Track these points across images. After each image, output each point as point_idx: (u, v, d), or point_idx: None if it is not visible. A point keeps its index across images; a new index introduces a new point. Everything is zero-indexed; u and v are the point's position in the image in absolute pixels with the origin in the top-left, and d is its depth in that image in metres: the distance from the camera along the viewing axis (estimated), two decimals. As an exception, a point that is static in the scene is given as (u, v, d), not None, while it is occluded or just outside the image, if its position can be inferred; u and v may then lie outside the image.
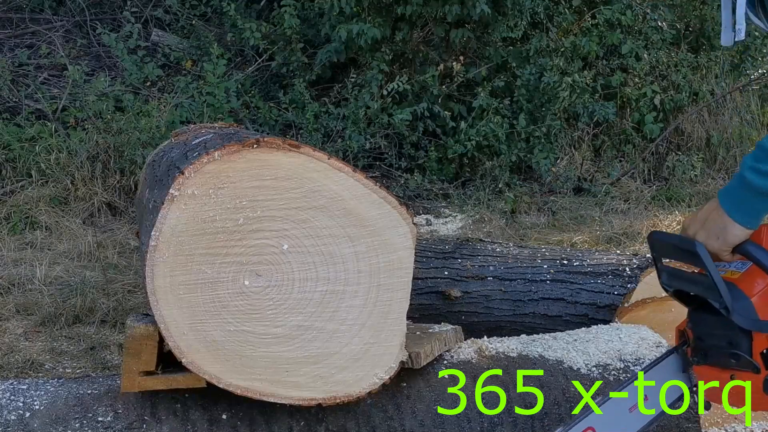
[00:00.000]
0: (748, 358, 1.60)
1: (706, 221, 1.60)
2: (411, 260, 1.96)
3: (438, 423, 2.00)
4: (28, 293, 3.78)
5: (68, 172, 4.99)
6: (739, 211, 1.57)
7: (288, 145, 1.82)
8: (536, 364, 2.15)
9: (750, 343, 1.60)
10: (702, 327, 1.66)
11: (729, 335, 1.61)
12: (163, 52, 6.51)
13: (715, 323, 1.62)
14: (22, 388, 1.96)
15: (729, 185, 1.60)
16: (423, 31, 6.00)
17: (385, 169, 5.74)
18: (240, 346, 1.83)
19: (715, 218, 1.59)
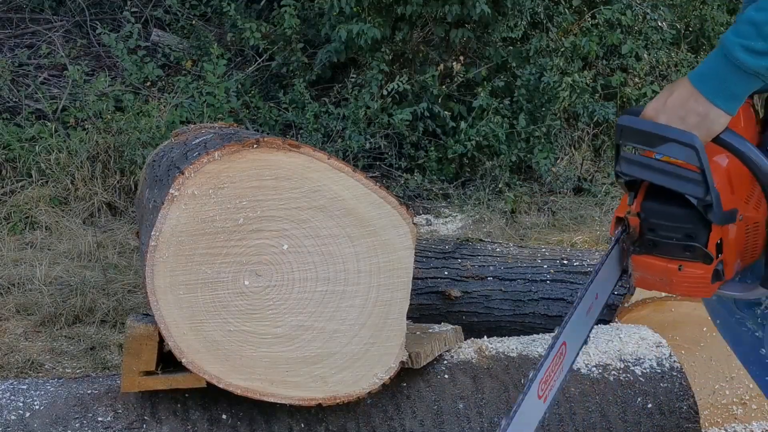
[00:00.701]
0: (704, 249, 1.54)
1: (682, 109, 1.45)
2: (411, 260, 1.96)
3: (438, 423, 2.00)
4: (28, 293, 3.78)
5: (68, 172, 4.99)
6: (722, 96, 1.42)
7: (288, 145, 1.82)
8: (536, 364, 2.15)
9: (708, 235, 1.54)
10: (657, 218, 1.57)
11: (689, 228, 1.54)
12: (163, 52, 6.51)
13: (673, 215, 1.54)
14: (22, 388, 1.96)
15: (706, 68, 1.44)
16: (423, 31, 6.00)
17: (385, 169, 5.74)
18: (240, 346, 1.83)
19: (695, 107, 1.44)
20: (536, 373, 1.57)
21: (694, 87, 1.44)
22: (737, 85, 1.42)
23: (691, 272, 1.55)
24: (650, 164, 1.53)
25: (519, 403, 1.53)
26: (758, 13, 1.37)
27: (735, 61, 1.39)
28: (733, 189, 1.55)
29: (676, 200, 1.53)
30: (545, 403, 1.59)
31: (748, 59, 1.38)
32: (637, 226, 1.58)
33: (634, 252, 1.61)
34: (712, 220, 1.51)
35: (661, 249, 1.57)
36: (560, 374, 1.62)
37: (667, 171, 1.50)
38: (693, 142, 1.44)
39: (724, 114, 1.44)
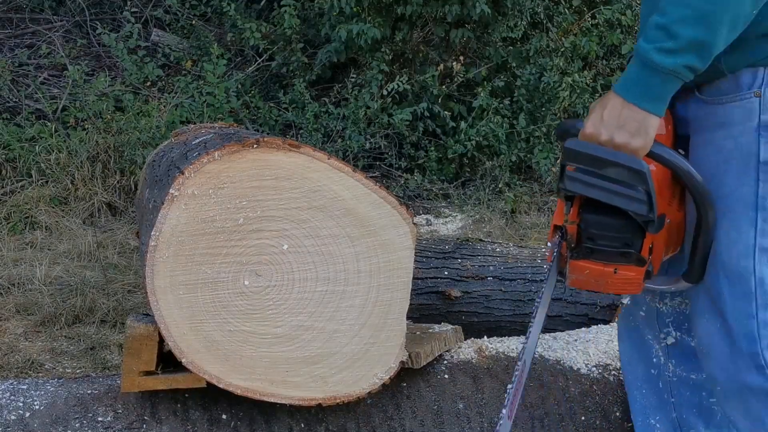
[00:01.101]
0: (639, 255, 1.64)
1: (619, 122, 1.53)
2: (411, 260, 1.96)
3: (438, 423, 2.00)
4: (28, 293, 3.78)
5: (68, 172, 4.99)
6: (648, 99, 1.51)
7: (288, 145, 1.82)
8: (536, 364, 2.15)
9: (642, 241, 1.64)
10: (597, 229, 1.66)
11: (627, 237, 1.63)
12: (163, 52, 6.51)
13: (612, 226, 1.64)
14: (22, 388, 1.96)
15: (628, 78, 1.53)
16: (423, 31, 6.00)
17: (385, 169, 5.74)
18: (240, 346, 1.83)
19: (629, 115, 1.52)
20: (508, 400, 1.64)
21: (622, 97, 1.53)
22: (659, 87, 1.50)
23: (625, 274, 1.66)
24: (594, 183, 1.60)
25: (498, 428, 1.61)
26: (663, 17, 1.47)
27: (652, 64, 1.48)
28: (662, 195, 1.64)
29: (614, 212, 1.61)
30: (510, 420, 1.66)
31: (664, 60, 1.47)
32: (575, 234, 1.68)
33: (571, 258, 1.70)
34: (651, 233, 1.61)
35: (598, 255, 1.67)
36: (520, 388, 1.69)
37: (612, 190, 1.58)
38: (641, 167, 1.54)
39: (654, 116, 1.53)
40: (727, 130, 1.60)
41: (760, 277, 1.61)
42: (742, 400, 1.67)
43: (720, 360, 1.68)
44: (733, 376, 1.67)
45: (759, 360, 1.63)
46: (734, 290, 1.63)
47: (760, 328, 1.62)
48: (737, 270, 1.62)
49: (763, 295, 1.61)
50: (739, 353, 1.65)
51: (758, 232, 1.60)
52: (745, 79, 1.58)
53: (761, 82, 1.57)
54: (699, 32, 1.45)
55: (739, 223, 1.61)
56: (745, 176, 1.59)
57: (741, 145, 1.59)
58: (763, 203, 1.59)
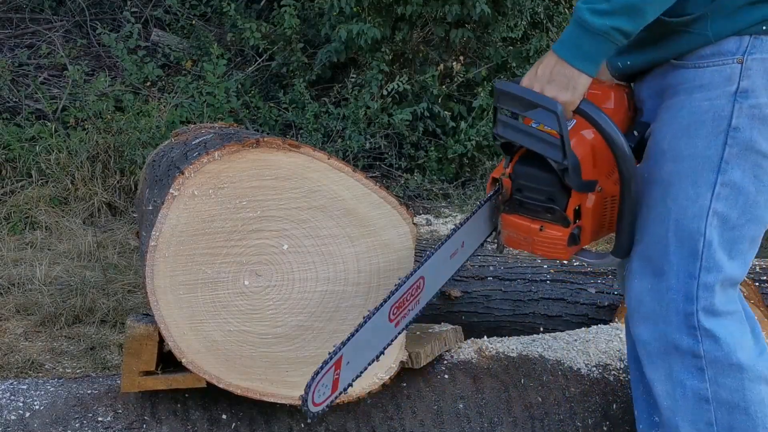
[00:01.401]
0: (563, 213, 1.69)
1: (550, 76, 1.60)
2: (411, 260, 1.96)
3: (438, 423, 2.00)
4: (28, 293, 3.78)
5: (68, 172, 4.99)
6: (579, 58, 1.57)
7: (288, 145, 1.82)
8: (536, 364, 2.15)
9: (567, 200, 1.69)
10: (524, 180, 1.72)
11: (550, 191, 1.69)
12: (163, 52, 6.51)
13: (538, 177, 1.70)
14: (22, 388, 1.96)
15: (565, 36, 1.60)
16: (423, 31, 6.00)
17: (385, 169, 5.74)
18: (240, 346, 1.83)
19: (560, 70, 1.59)
20: (391, 295, 1.69)
21: (556, 54, 1.60)
22: (590, 47, 1.56)
23: (550, 233, 1.72)
24: (520, 128, 1.69)
25: (368, 317, 1.65)
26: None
27: (584, 24, 1.55)
28: (596, 162, 1.70)
29: (543, 165, 1.68)
30: (396, 327, 1.73)
31: (594, 20, 1.53)
32: (509, 186, 1.74)
33: (503, 211, 1.77)
34: (569, 185, 1.67)
35: (526, 209, 1.74)
36: (415, 306, 1.75)
37: (533, 134, 1.66)
38: (555, 108, 1.60)
39: (584, 75, 1.59)
40: (705, 93, 1.63)
41: (709, 240, 1.64)
42: (667, 362, 1.71)
43: (651, 319, 1.71)
44: (662, 336, 1.70)
45: (692, 320, 1.66)
46: (682, 248, 1.66)
47: (699, 289, 1.65)
48: (688, 229, 1.65)
49: (709, 258, 1.64)
50: (673, 312, 1.68)
51: (714, 195, 1.63)
52: (729, 46, 1.61)
53: (745, 49, 1.60)
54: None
55: (698, 184, 1.64)
56: (714, 139, 1.62)
57: (715, 107, 1.62)
58: (725, 167, 1.62)
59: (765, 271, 2.80)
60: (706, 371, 1.67)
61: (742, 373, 1.67)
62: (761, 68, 1.59)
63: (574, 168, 1.65)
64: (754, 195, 1.64)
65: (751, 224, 1.66)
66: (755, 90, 1.59)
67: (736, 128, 1.61)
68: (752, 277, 2.74)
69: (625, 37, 1.55)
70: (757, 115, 1.60)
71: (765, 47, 1.59)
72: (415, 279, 1.72)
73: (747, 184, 1.63)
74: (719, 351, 1.66)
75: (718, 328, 1.66)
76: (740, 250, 1.67)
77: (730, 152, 1.61)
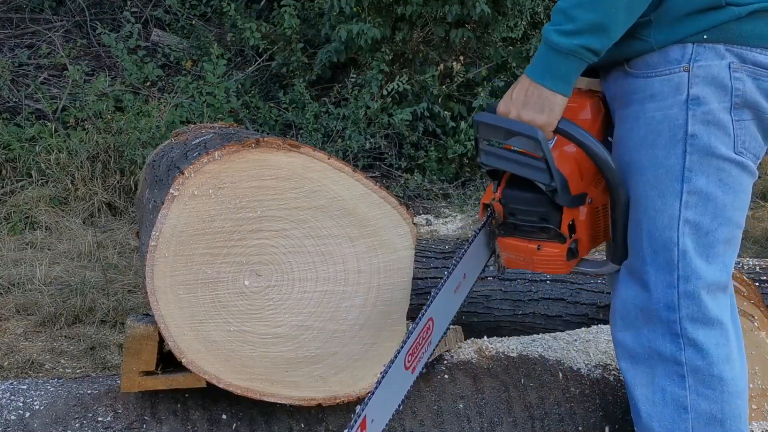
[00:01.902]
0: (558, 230, 1.70)
1: (525, 100, 1.62)
2: (411, 260, 1.96)
3: (438, 423, 2.00)
4: (28, 293, 3.78)
5: (68, 172, 4.99)
6: (552, 79, 1.59)
7: (288, 145, 1.82)
8: (536, 364, 2.15)
9: (560, 217, 1.70)
10: (515, 204, 1.74)
11: (542, 211, 1.71)
12: (163, 52, 6.51)
13: (528, 200, 1.71)
14: (22, 388, 1.96)
15: (536, 59, 1.62)
16: (423, 31, 6.00)
17: (385, 169, 5.74)
18: (240, 346, 1.83)
19: (534, 93, 1.61)
20: (403, 345, 1.69)
21: (529, 77, 1.62)
22: (561, 67, 1.58)
23: (548, 251, 1.73)
24: (504, 155, 1.70)
25: (385, 371, 1.65)
26: (563, 2, 1.57)
27: (553, 45, 1.57)
28: (582, 174, 1.70)
29: (531, 187, 1.69)
30: (413, 373, 1.73)
31: (562, 40, 1.56)
32: (501, 211, 1.75)
33: (499, 235, 1.78)
34: (560, 203, 1.67)
35: (522, 231, 1.75)
36: (428, 347, 1.75)
37: (518, 161, 1.67)
38: (535, 134, 1.61)
39: (558, 95, 1.60)
40: (657, 103, 1.64)
41: (683, 249, 1.65)
42: (650, 367, 1.72)
43: (635, 326, 1.73)
44: (646, 342, 1.71)
45: (675, 327, 1.67)
46: (657, 259, 1.67)
47: (680, 298, 1.66)
48: (661, 240, 1.66)
49: (685, 266, 1.66)
50: (656, 321, 1.69)
51: (683, 204, 1.64)
52: (674, 54, 1.63)
53: (689, 57, 1.61)
54: (595, 15, 1.54)
55: (664, 194, 1.65)
56: (673, 148, 1.64)
57: (670, 117, 1.63)
58: (689, 175, 1.64)
59: (765, 271, 2.80)
60: (686, 379, 1.68)
61: (723, 386, 1.68)
62: (707, 75, 1.61)
63: (563, 186, 1.66)
64: (722, 198, 1.65)
65: (724, 227, 1.67)
66: (705, 97, 1.61)
67: (693, 135, 1.62)
68: (752, 277, 2.74)
69: (594, 55, 1.57)
70: (711, 121, 1.62)
71: (708, 55, 1.61)
72: (424, 322, 1.72)
73: (713, 189, 1.64)
74: (701, 361, 1.67)
75: (702, 338, 1.67)
76: (716, 253, 1.68)
77: (691, 160, 1.63)
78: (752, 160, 1.68)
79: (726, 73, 1.61)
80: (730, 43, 1.60)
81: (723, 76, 1.61)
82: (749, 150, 1.66)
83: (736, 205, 1.68)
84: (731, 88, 1.61)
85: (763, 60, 1.62)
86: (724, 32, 1.60)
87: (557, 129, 1.64)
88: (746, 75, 1.62)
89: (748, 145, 1.66)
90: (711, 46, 1.61)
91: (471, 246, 1.78)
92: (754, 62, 1.61)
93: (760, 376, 2.18)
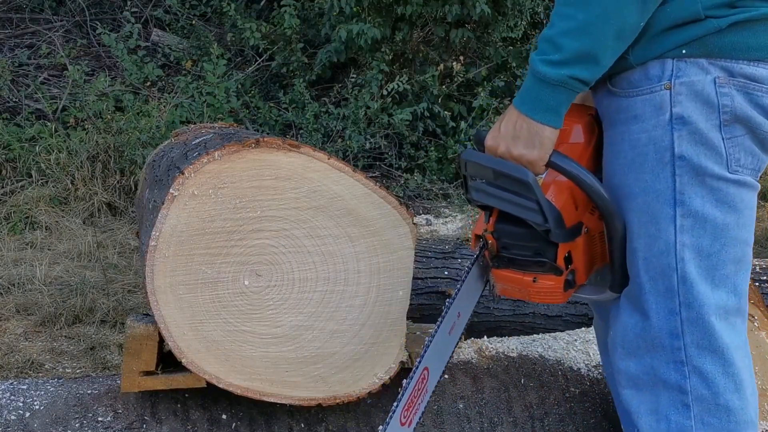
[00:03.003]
0: (554, 264, 1.64)
1: (514, 133, 1.55)
2: (411, 260, 1.96)
3: (438, 423, 2.00)
4: (28, 293, 3.78)
5: (68, 172, 4.99)
6: (541, 111, 1.52)
7: (288, 145, 1.82)
8: (536, 364, 2.15)
9: (556, 250, 1.64)
10: (508, 238, 1.68)
11: (537, 246, 1.65)
12: (163, 52, 6.51)
13: (522, 235, 1.65)
14: (22, 388, 1.96)
15: (523, 90, 1.55)
16: (423, 31, 6.00)
17: (385, 169, 5.74)
18: (240, 346, 1.83)
19: (523, 126, 1.54)
20: (398, 402, 1.63)
21: (517, 109, 1.55)
22: (550, 99, 1.51)
23: (544, 284, 1.67)
24: (494, 193, 1.63)
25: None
26: (550, 29, 1.50)
27: (540, 75, 1.51)
28: (577, 203, 1.64)
29: (523, 222, 1.63)
30: (409, 427, 1.67)
31: (549, 71, 1.49)
32: (494, 243, 1.69)
33: (493, 266, 1.71)
34: (555, 241, 1.61)
35: (516, 264, 1.68)
36: (424, 397, 1.69)
37: (509, 200, 1.61)
38: (526, 177, 1.55)
39: (548, 127, 1.54)
40: (641, 124, 1.58)
41: (682, 275, 1.58)
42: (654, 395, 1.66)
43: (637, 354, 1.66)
44: (650, 369, 1.65)
45: (680, 355, 1.61)
46: (656, 286, 1.61)
47: (684, 324, 1.60)
48: (659, 267, 1.60)
49: (686, 292, 1.59)
50: (659, 348, 1.63)
51: (677, 228, 1.57)
52: (654, 71, 1.56)
53: (670, 74, 1.54)
54: (583, 44, 1.47)
55: (657, 219, 1.58)
56: (661, 171, 1.57)
57: (654, 139, 1.56)
58: (681, 198, 1.56)
59: (765, 271, 2.80)
60: (691, 408, 1.62)
61: (729, 416, 1.61)
62: (690, 92, 1.53)
63: (556, 223, 1.60)
64: (722, 219, 1.57)
65: (729, 248, 1.59)
66: (690, 115, 1.53)
67: (681, 157, 1.55)
68: (752, 277, 2.74)
69: (584, 85, 1.51)
70: (699, 141, 1.54)
71: (690, 70, 1.53)
72: (419, 374, 1.67)
73: (710, 210, 1.56)
74: (706, 390, 1.61)
75: (708, 366, 1.60)
76: (724, 275, 1.60)
77: (681, 182, 1.56)
78: (751, 175, 1.60)
79: (711, 88, 1.53)
80: (713, 56, 1.53)
81: (708, 92, 1.53)
82: (745, 167, 1.58)
83: (741, 223, 1.59)
84: (718, 105, 1.53)
85: (753, 72, 1.53)
86: (705, 46, 1.52)
87: (549, 162, 1.58)
88: (735, 90, 1.53)
89: (743, 162, 1.57)
90: (693, 61, 1.53)
91: (463, 284, 1.73)
92: (744, 75, 1.53)
93: (760, 376, 2.18)
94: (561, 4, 1.50)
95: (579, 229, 1.65)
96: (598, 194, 1.60)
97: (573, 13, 1.47)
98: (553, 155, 1.57)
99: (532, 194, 1.56)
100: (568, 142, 1.66)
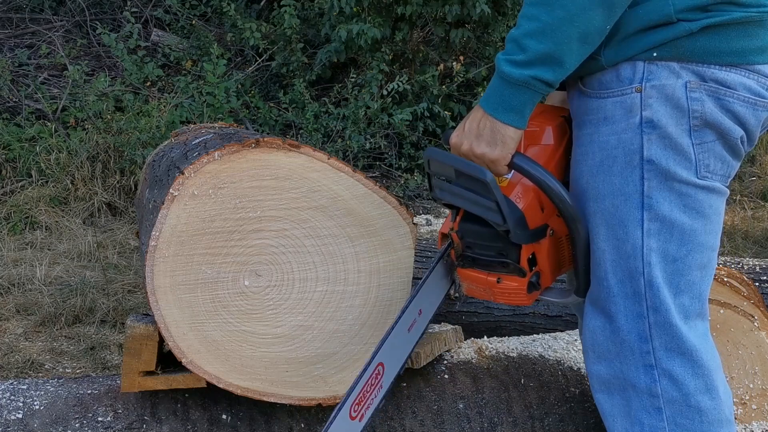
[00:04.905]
0: (516, 265, 1.64)
1: (478, 132, 1.55)
2: (411, 260, 1.96)
3: (438, 423, 2.00)
4: (28, 293, 3.78)
5: (68, 172, 4.99)
6: (505, 112, 1.52)
7: (288, 145, 1.82)
8: (536, 364, 2.15)
9: (519, 251, 1.63)
10: (471, 237, 1.67)
11: (500, 246, 1.64)
12: (163, 52, 6.51)
13: (485, 235, 1.65)
14: (22, 388, 1.96)
15: (489, 90, 1.54)
16: (423, 31, 6.00)
17: (385, 169, 5.74)
18: (240, 346, 1.83)
19: (487, 125, 1.54)
20: (347, 396, 1.61)
21: (482, 108, 1.55)
22: (513, 99, 1.51)
23: (508, 285, 1.66)
24: (457, 192, 1.63)
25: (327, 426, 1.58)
26: (516, 30, 1.50)
27: (504, 76, 1.50)
28: (543, 206, 1.63)
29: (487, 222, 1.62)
30: (361, 421, 1.64)
31: (513, 71, 1.49)
32: (459, 243, 1.69)
33: (458, 266, 1.71)
34: (516, 242, 1.61)
35: (481, 264, 1.68)
36: (379, 392, 1.67)
37: (470, 199, 1.60)
38: (484, 177, 1.54)
39: (511, 127, 1.53)
40: (610, 127, 1.57)
41: (649, 279, 1.58)
42: (625, 399, 1.65)
43: (607, 358, 1.66)
44: (619, 373, 1.65)
45: (649, 359, 1.60)
46: (624, 289, 1.60)
47: (651, 328, 1.59)
48: (626, 270, 1.59)
49: (653, 296, 1.58)
50: (629, 351, 1.62)
51: (645, 232, 1.56)
52: (625, 73, 1.54)
53: (641, 76, 1.53)
54: (547, 46, 1.46)
55: (625, 222, 1.57)
56: (630, 174, 1.56)
57: (624, 142, 1.55)
58: (649, 202, 1.55)
59: (765, 271, 2.80)
60: (663, 411, 1.61)
61: (702, 416, 1.61)
62: (661, 95, 1.52)
63: (517, 224, 1.59)
64: (690, 224, 1.56)
65: (696, 253, 1.58)
66: (660, 119, 1.52)
67: (650, 161, 1.54)
68: (752, 277, 2.74)
69: (548, 86, 1.50)
70: (669, 146, 1.53)
71: (662, 74, 1.52)
72: (372, 369, 1.65)
73: (678, 215, 1.56)
74: (677, 392, 1.60)
75: (678, 368, 1.60)
76: (690, 281, 1.60)
77: (649, 186, 1.55)
78: (720, 181, 1.59)
79: (682, 92, 1.52)
80: (684, 60, 1.51)
81: (679, 96, 1.52)
82: (715, 173, 1.57)
83: (708, 229, 1.59)
84: (688, 109, 1.52)
85: (725, 77, 1.52)
86: (676, 49, 1.51)
87: (511, 163, 1.57)
88: (706, 94, 1.52)
89: (713, 168, 1.56)
90: (664, 64, 1.52)
91: (427, 280, 1.71)
92: (715, 80, 1.52)
93: (760, 376, 2.18)
94: (527, 5, 1.49)
95: (543, 231, 1.64)
96: (559, 198, 1.59)
97: (537, 14, 1.47)
98: (515, 157, 1.56)
99: (491, 194, 1.56)
100: (539, 144, 1.65)
